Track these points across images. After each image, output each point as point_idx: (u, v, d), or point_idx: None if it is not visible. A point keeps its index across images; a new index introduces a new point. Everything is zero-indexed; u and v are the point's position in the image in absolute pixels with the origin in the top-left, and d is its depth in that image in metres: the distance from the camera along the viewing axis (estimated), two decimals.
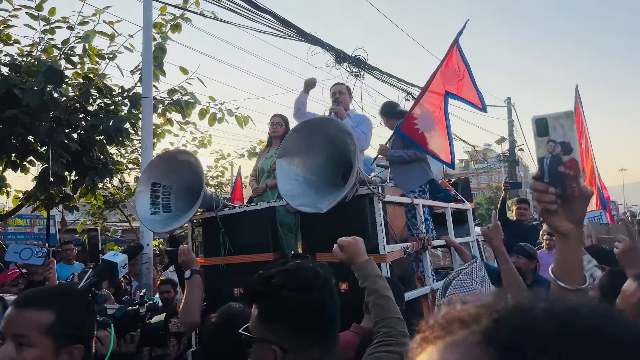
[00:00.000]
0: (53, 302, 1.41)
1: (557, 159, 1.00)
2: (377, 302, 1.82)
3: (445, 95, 4.24)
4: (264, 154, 4.43)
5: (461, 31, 4.51)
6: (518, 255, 4.14)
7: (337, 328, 1.36)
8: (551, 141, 1.01)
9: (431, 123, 4.11)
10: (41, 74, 5.27)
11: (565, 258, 1.09)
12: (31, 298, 1.43)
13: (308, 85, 4.43)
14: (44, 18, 6.03)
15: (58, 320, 1.38)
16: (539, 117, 1.03)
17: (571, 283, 1.07)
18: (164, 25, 6.52)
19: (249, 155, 9.05)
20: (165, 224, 3.44)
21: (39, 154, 6.63)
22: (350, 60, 7.10)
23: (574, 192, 1.01)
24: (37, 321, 1.35)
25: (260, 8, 5.21)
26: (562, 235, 1.06)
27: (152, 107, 5.66)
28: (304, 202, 2.95)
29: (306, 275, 1.31)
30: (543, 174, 1.02)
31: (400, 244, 3.25)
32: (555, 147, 1.00)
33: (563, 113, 1.02)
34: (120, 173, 7.61)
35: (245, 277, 3.59)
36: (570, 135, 1.00)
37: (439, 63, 4.37)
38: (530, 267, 4.15)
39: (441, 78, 4.30)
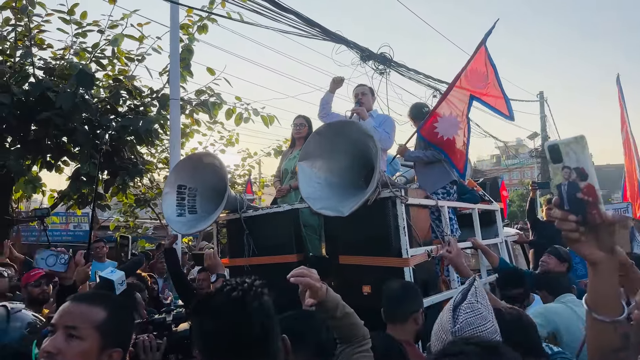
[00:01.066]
0: (105, 302, 1.48)
1: (574, 185, 0.98)
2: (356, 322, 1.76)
3: (470, 99, 4.12)
4: (288, 154, 4.44)
5: (490, 31, 4.35)
6: (549, 254, 4.04)
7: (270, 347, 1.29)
8: (566, 167, 0.98)
9: (453, 127, 4.02)
10: (73, 77, 5.41)
11: (597, 288, 1.02)
12: (85, 295, 1.50)
13: (335, 84, 4.41)
14: (76, 22, 6.20)
15: (108, 318, 1.44)
16: (550, 144, 1.01)
17: (607, 314, 1.01)
18: (190, 27, 6.61)
19: (275, 153, 9.10)
20: (190, 226, 3.50)
21: (72, 154, 6.83)
22: (376, 58, 7.04)
23: (595, 219, 0.97)
24: (90, 315, 1.41)
25: (284, 8, 5.21)
26: (592, 264, 1.01)
27: (179, 108, 5.75)
28: (325, 205, 2.95)
29: (216, 301, 1.27)
30: (562, 201, 1.00)
31: (424, 247, 3.21)
32: (571, 174, 0.98)
33: (573, 138, 0.99)
34: (150, 172, 7.76)
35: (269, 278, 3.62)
36: (583, 160, 0.97)
37: (465, 64, 4.24)
38: (560, 269, 4.04)
39: (466, 80, 4.16)
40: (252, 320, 1.23)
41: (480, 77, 4.23)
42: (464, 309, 1.55)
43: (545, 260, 4.02)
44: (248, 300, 1.24)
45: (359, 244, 3.23)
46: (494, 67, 4.30)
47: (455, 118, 4.02)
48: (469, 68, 4.16)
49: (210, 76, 6.82)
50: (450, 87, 4.17)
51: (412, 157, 4.23)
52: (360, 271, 3.21)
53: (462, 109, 4.06)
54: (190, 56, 6.52)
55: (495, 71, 4.30)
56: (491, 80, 4.26)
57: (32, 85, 5.82)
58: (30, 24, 5.99)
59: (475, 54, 4.26)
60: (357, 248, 3.24)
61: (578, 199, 0.98)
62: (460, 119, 4.03)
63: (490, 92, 4.26)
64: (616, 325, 1.00)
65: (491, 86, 4.26)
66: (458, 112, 4.05)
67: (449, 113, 4.04)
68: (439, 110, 4.07)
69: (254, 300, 1.25)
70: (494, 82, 4.27)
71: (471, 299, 1.58)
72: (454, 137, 4.02)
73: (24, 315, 1.76)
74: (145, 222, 11.11)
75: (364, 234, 3.18)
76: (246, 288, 1.26)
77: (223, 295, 1.25)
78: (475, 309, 1.55)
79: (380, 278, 3.08)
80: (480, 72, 4.24)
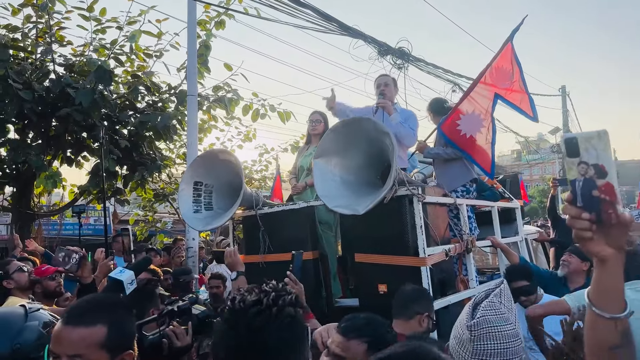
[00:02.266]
0: (102, 316, 1.40)
1: (590, 182, 0.92)
2: None
3: (495, 97, 3.98)
4: (304, 151, 4.41)
5: (517, 28, 4.21)
6: (570, 254, 3.94)
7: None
8: (583, 163, 0.92)
9: (476, 125, 3.90)
10: (91, 74, 5.47)
11: (602, 283, 0.99)
12: (80, 315, 1.40)
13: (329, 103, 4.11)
14: (95, 19, 6.25)
15: (110, 333, 1.38)
16: (568, 137, 0.94)
17: (608, 310, 0.98)
18: (208, 23, 6.62)
19: (292, 149, 9.11)
20: (207, 222, 3.50)
21: (92, 149, 6.92)
22: (394, 52, 6.96)
23: (611, 218, 0.92)
24: (91, 337, 1.35)
25: (301, 3, 5.17)
26: (600, 261, 0.97)
27: (197, 104, 5.76)
28: (340, 203, 2.91)
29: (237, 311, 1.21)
30: (576, 197, 0.94)
31: (441, 246, 3.16)
32: (588, 170, 0.92)
33: (595, 133, 0.92)
34: (168, 167, 7.82)
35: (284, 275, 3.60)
36: (604, 157, 0.91)
37: (490, 61, 4.11)
38: (581, 268, 3.93)
39: (491, 78, 4.03)
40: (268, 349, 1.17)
41: (506, 75, 4.10)
42: (484, 306, 1.50)
43: (566, 260, 3.93)
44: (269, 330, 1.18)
45: (375, 242, 3.19)
46: (519, 66, 4.17)
47: (479, 116, 3.92)
48: (494, 65, 4.03)
49: (227, 72, 6.84)
50: (474, 83, 4.06)
51: (431, 153, 4.14)
52: (376, 270, 3.17)
53: (486, 107, 3.94)
54: (207, 52, 6.53)
55: (520, 70, 4.17)
56: (516, 79, 4.13)
57: (52, 82, 5.91)
58: (51, 21, 6.07)
59: (501, 51, 4.13)
60: (373, 246, 3.20)
61: (593, 197, 0.92)
62: (484, 117, 3.92)
63: (515, 90, 4.14)
64: (617, 322, 0.97)
65: (516, 85, 4.14)
66: (482, 110, 3.94)
67: (472, 110, 3.94)
68: (462, 107, 3.96)
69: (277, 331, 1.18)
70: (519, 81, 4.14)
71: (494, 298, 1.53)
72: (477, 135, 3.92)
73: (42, 315, 1.77)
74: (164, 216, 11.24)
75: (380, 232, 3.14)
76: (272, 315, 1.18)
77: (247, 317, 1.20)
78: (496, 308, 1.51)
79: (397, 277, 3.05)
80: (506, 70, 4.12)
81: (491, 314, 1.48)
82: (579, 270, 3.92)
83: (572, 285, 3.96)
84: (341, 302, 3.90)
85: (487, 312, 1.48)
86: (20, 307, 1.77)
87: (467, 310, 1.55)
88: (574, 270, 3.90)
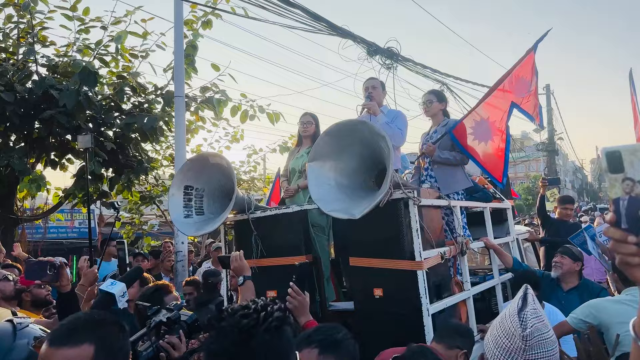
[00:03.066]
0: (89, 334, 1.36)
1: (636, 200, 0.83)
2: None
3: (511, 106, 3.95)
4: (295, 153, 4.36)
5: (541, 38, 4.23)
6: (562, 255, 3.96)
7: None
8: (628, 179, 0.83)
9: (488, 133, 3.88)
10: (76, 75, 5.35)
11: None
12: (65, 335, 1.35)
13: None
14: (79, 18, 6.12)
15: (98, 351, 1.34)
16: (609, 150, 0.84)
17: None
18: (195, 22, 6.53)
19: (281, 149, 9.04)
20: (198, 227, 3.43)
21: (76, 152, 6.78)
22: (383, 52, 6.93)
23: None
24: (78, 358, 1.31)
25: (290, 3, 5.11)
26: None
27: (184, 106, 5.68)
28: (336, 208, 2.87)
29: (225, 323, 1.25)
30: (619, 218, 0.84)
31: (437, 249, 3.13)
32: (635, 187, 0.83)
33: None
34: (155, 170, 7.71)
35: (278, 280, 3.54)
36: None
37: (510, 68, 4.10)
38: (573, 268, 3.96)
39: (510, 86, 4.00)
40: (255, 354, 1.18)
41: (525, 85, 4.10)
42: (531, 314, 1.48)
43: (559, 261, 3.94)
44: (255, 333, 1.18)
45: (369, 246, 3.16)
46: (536, 76, 4.19)
47: (493, 123, 3.91)
48: (514, 73, 4.03)
49: (215, 72, 6.75)
50: (492, 89, 4.05)
51: (441, 158, 4.07)
52: (371, 273, 3.13)
53: (501, 115, 3.93)
54: (194, 52, 6.44)
55: (537, 80, 4.19)
56: (534, 89, 4.14)
57: (35, 83, 5.77)
58: (33, 21, 5.92)
59: (523, 60, 4.13)
60: (367, 250, 3.16)
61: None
62: (499, 125, 3.91)
63: (531, 100, 4.14)
64: None
65: (532, 94, 4.15)
66: (496, 118, 3.93)
67: (486, 117, 3.93)
68: (477, 113, 3.95)
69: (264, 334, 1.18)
70: (535, 91, 4.16)
71: (534, 305, 1.52)
72: (489, 143, 3.90)
73: (31, 331, 1.69)
74: (151, 218, 11.09)
75: (375, 235, 3.10)
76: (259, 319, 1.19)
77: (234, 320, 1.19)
78: (539, 315, 1.50)
79: (393, 281, 3.02)
80: (525, 80, 4.12)
81: (539, 322, 1.48)
82: (572, 271, 3.94)
83: (566, 285, 3.98)
84: (335, 305, 3.87)
85: (535, 321, 1.47)
86: (8, 324, 1.69)
87: (511, 319, 1.51)
88: (567, 271, 3.92)
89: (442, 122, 4.23)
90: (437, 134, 4.16)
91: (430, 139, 4.19)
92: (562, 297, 3.95)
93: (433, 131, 4.25)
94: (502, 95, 4.07)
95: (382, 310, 3.05)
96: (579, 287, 3.93)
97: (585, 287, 3.95)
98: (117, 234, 10.61)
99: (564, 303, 3.88)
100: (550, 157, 22.96)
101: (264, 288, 3.53)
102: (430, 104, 4.26)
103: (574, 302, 3.80)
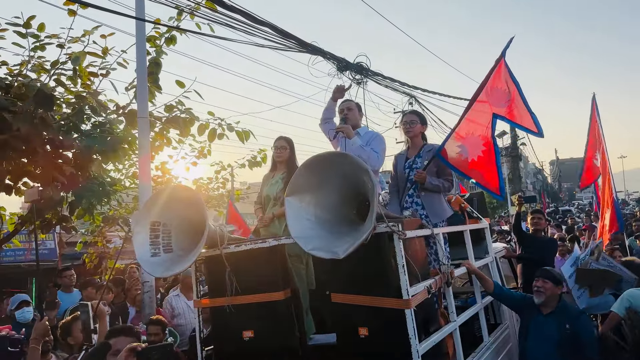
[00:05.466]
0: None
1: None
2: None
3: (494, 118, 3.94)
4: (269, 179, 4.17)
5: (507, 46, 4.20)
6: (545, 279, 3.88)
7: None
8: None
9: (477, 147, 3.84)
10: (31, 99, 5.00)
11: None
12: None
13: (337, 92, 4.34)
14: (33, 35, 5.75)
15: None
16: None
17: None
18: (158, 39, 6.24)
19: (250, 164, 8.79)
20: (166, 267, 3.18)
21: (33, 175, 6.37)
22: (353, 67, 6.83)
23: None
24: None
25: (258, 21, 4.93)
26: None
27: (148, 127, 5.41)
28: (317, 246, 2.69)
29: None
30: None
31: (423, 283, 2.99)
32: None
33: None
34: (118, 193, 7.35)
35: (254, 318, 3.32)
36: None
37: (483, 80, 4.08)
38: (555, 292, 3.90)
39: (487, 99, 3.99)
40: None
41: (502, 95, 4.06)
42: None
43: (542, 287, 3.86)
44: None
45: (352, 281, 3.00)
46: (515, 83, 4.13)
47: (479, 137, 3.86)
48: (488, 85, 3.99)
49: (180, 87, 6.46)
50: (470, 104, 4.00)
51: (432, 185, 3.98)
52: (355, 311, 2.97)
53: (485, 129, 3.89)
54: (158, 70, 6.15)
55: (518, 87, 4.13)
56: (513, 96, 4.08)
57: None
58: None
59: (494, 71, 4.09)
60: (350, 285, 3.00)
61: None
62: (483, 137, 3.86)
63: (514, 109, 4.09)
64: None
65: (514, 103, 4.09)
66: (481, 131, 3.88)
67: (471, 132, 3.88)
68: (460, 131, 3.89)
69: None
70: (517, 99, 4.09)
71: None
72: (478, 158, 3.84)
73: None
74: (113, 236, 10.63)
75: (358, 270, 2.94)
76: None
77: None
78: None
79: (379, 320, 2.86)
80: (501, 90, 4.07)
81: None
82: (554, 295, 3.88)
83: (546, 309, 3.91)
84: (316, 339, 3.69)
85: None
86: None
87: None
88: (550, 296, 3.85)
89: (425, 148, 4.14)
90: (421, 159, 4.07)
91: (414, 164, 4.08)
92: (542, 321, 3.89)
93: (416, 156, 4.15)
94: (482, 108, 4.04)
95: (368, 351, 2.89)
96: (556, 312, 3.88)
97: (564, 311, 3.89)
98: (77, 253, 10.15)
99: (544, 328, 3.83)
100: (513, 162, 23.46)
101: (239, 328, 3.33)
102: (413, 124, 4.17)
103: (552, 327, 3.75)
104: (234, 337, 3.32)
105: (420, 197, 3.99)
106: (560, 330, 3.76)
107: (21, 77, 5.84)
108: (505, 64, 4.16)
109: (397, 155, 4.50)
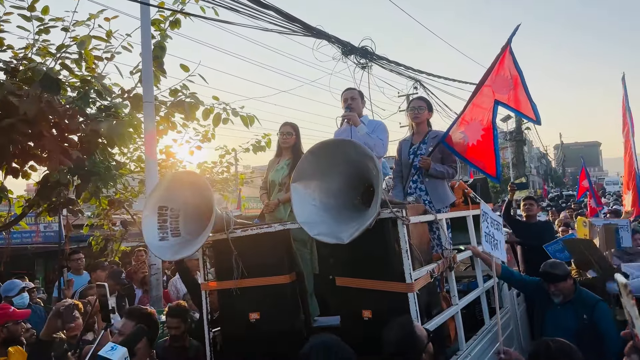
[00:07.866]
0: None
1: None
2: None
3: (495, 104, 3.99)
4: (274, 165, 4.21)
5: (513, 34, 4.23)
6: (555, 284, 3.80)
7: None
8: None
9: (476, 133, 3.89)
10: (37, 83, 5.03)
11: None
12: None
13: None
14: (37, 18, 5.75)
15: None
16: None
17: None
18: (162, 22, 6.23)
19: (254, 149, 8.82)
20: (175, 251, 3.24)
21: (40, 159, 6.43)
22: (357, 52, 6.81)
23: None
24: None
25: (263, 4, 4.92)
26: None
27: (154, 111, 5.44)
28: (323, 231, 2.74)
29: None
30: None
31: (426, 268, 3.05)
32: None
33: None
34: (123, 177, 7.41)
35: (260, 301, 3.38)
36: None
37: (489, 66, 4.12)
38: (570, 286, 3.86)
39: (491, 85, 4.04)
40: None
41: (505, 82, 4.11)
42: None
43: (555, 290, 3.81)
44: None
45: (357, 266, 3.05)
46: (519, 71, 4.18)
47: (480, 122, 3.92)
48: (493, 71, 4.02)
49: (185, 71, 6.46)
50: (476, 90, 4.04)
51: (437, 171, 4.01)
52: (359, 294, 3.03)
53: (487, 114, 3.94)
54: (163, 54, 6.15)
55: (521, 75, 4.17)
56: (515, 84, 4.12)
57: None
58: None
59: (500, 57, 4.12)
60: (355, 269, 3.06)
61: None
62: (484, 122, 3.92)
63: (516, 96, 4.14)
64: None
65: (516, 91, 4.13)
66: (483, 117, 3.94)
67: (474, 117, 3.95)
68: (466, 116, 3.96)
69: None
70: (519, 87, 4.13)
71: None
72: (478, 142, 3.90)
73: None
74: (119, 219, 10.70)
75: (362, 254, 3.00)
76: None
77: None
78: None
79: (383, 303, 2.92)
80: (505, 77, 4.12)
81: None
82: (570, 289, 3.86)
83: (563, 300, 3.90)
84: (320, 321, 3.76)
85: None
86: None
87: None
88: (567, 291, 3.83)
89: (430, 134, 4.17)
90: (426, 145, 4.10)
91: (419, 150, 4.11)
92: (558, 311, 3.86)
93: (421, 142, 4.17)
94: (487, 93, 4.12)
95: (371, 333, 2.95)
96: (574, 301, 3.82)
97: (580, 300, 3.83)
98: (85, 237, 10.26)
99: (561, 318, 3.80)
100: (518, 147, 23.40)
101: (245, 310, 3.40)
102: (421, 110, 4.19)
103: (569, 318, 3.72)
104: (240, 319, 3.39)
105: (424, 184, 4.02)
106: (577, 320, 3.68)
107: (26, 60, 5.86)
108: (511, 51, 4.18)
109: (401, 141, 4.52)
